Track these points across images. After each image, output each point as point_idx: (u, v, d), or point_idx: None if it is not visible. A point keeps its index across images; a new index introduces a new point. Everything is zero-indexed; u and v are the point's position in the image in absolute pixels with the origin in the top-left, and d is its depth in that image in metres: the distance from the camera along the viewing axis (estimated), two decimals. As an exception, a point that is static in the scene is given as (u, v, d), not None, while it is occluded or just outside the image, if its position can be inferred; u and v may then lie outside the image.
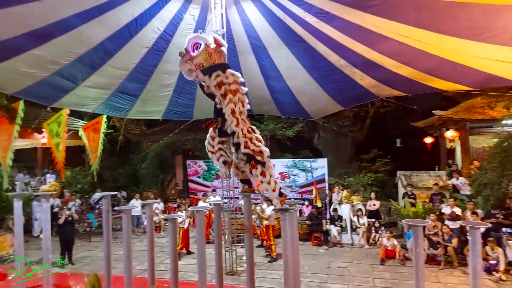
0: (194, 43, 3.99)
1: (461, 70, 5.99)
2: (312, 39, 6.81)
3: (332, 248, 9.70)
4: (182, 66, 4.07)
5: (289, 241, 3.81)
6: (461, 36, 5.08)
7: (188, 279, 7.34)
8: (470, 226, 3.56)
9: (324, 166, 12.30)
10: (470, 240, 3.55)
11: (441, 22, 4.97)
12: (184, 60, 4.03)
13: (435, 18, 4.87)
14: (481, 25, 4.79)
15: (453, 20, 4.88)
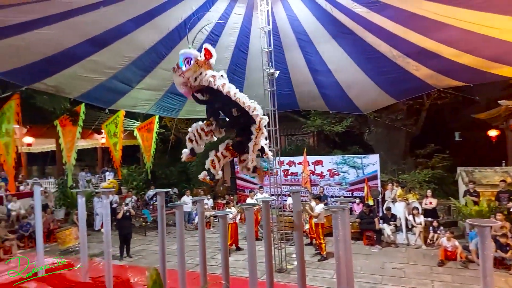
0: (185, 58, 4.20)
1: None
2: (362, 30, 6.55)
3: (385, 248, 9.27)
4: (176, 79, 4.28)
5: (341, 240, 3.69)
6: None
7: (238, 275, 7.44)
8: None
9: (376, 162, 11.79)
10: None
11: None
12: (177, 74, 4.24)
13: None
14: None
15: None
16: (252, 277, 4.56)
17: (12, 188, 12.19)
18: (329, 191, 12.42)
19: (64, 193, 13.51)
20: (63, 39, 5.73)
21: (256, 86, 8.34)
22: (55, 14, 5.02)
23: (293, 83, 9.02)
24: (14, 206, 11.84)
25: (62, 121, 11.91)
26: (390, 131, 15.04)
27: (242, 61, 8.09)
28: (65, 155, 12.01)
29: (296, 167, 13.08)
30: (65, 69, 6.54)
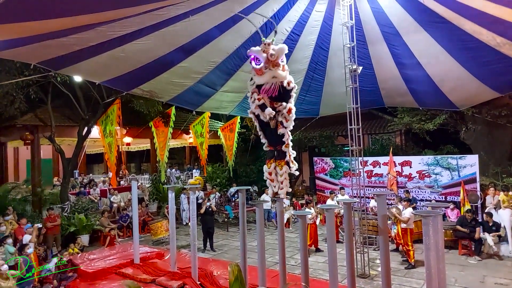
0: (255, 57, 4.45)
1: None
2: (457, 17, 5.90)
3: (486, 260, 8.21)
4: None
5: (433, 248, 3.38)
6: None
7: (318, 276, 7.33)
8: None
9: (475, 163, 10.51)
10: None
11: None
12: None
13: None
14: None
15: None
16: (332, 280, 4.45)
17: (114, 183, 13.91)
18: (419, 194, 11.47)
19: (157, 188, 14.90)
20: (156, 48, 6.32)
21: (337, 84, 8.12)
22: (150, 25, 5.55)
23: (378, 79, 8.55)
24: (115, 199, 13.46)
25: (156, 123, 13.18)
26: (492, 129, 13.26)
27: (322, 59, 7.95)
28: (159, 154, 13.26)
29: (381, 168, 12.38)
30: (158, 76, 7.20)
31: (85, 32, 5.06)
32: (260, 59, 4.67)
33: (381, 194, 4.38)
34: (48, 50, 5.43)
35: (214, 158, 18.61)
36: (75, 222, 10.95)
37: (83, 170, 19.41)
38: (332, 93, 8.83)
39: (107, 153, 12.27)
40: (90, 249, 9.95)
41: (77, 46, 5.50)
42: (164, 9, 5.09)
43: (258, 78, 4.80)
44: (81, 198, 12.85)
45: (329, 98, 9.25)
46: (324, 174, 14.04)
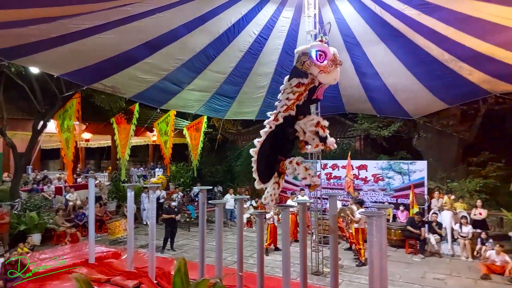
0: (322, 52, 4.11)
1: None
2: (412, 32, 6.36)
3: (429, 257, 8.90)
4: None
5: (376, 246, 3.66)
6: None
7: (275, 274, 7.55)
8: None
9: (424, 169, 11.29)
10: None
11: None
12: None
13: None
14: None
15: None
16: (285, 277, 4.64)
17: (70, 180, 13.35)
18: (373, 196, 12.10)
19: (116, 186, 14.49)
20: (121, 43, 6.21)
21: (301, 89, 8.42)
22: (115, 20, 5.47)
23: (340, 86, 8.93)
24: (71, 197, 12.93)
25: (118, 119, 12.85)
26: (441, 137, 14.29)
27: (288, 64, 8.17)
28: (120, 151, 12.92)
29: (339, 171, 12.91)
30: (122, 71, 7.07)
31: (46, 24, 4.91)
32: (328, 55, 4.19)
33: (332, 195, 4.64)
34: (1, 39, 5.18)
35: (178, 157, 18.41)
36: (26, 221, 10.41)
37: (37, 166, 18.39)
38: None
39: (63, 149, 11.79)
40: (42, 248, 9.51)
41: (35, 37, 5.30)
42: (130, 5, 5.05)
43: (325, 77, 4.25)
44: (33, 195, 12.22)
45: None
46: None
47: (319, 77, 4.17)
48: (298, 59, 4.39)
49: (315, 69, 4.08)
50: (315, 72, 4.12)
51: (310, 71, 4.08)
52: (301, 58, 4.35)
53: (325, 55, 4.05)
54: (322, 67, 4.13)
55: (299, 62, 4.35)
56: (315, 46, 4.20)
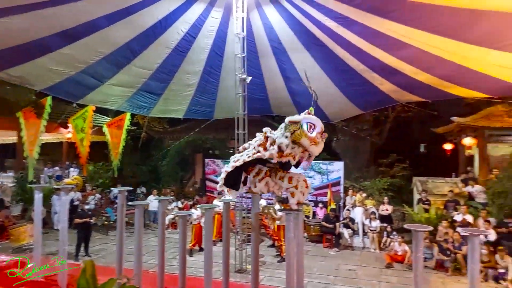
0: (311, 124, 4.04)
1: (480, 77, 5.94)
2: (332, 43, 6.87)
3: (343, 250, 9.70)
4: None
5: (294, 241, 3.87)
6: (481, 44, 5.05)
7: (198, 275, 7.51)
8: (470, 233, 3.55)
9: (340, 169, 12.25)
10: (469, 248, 3.55)
11: (460, 30, 4.96)
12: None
13: (454, 25, 4.85)
14: (500, 33, 4.76)
15: (473, 28, 4.85)
16: (207, 276, 4.65)
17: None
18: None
19: (23, 188, 12.95)
20: (31, 30, 5.62)
21: (231, 89, 8.49)
22: (25, 4, 4.93)
23: (268, 89, 9.26)
24: (-33, 199, 11.24)
25: (26, 113, 11.44)
26: (356, 141, 15.66)
27: (217, 64, 8.22)
28: (27, 149, 11.54)
29: (265, 171, 13.29)
30: (32, 60, 6.40)
31: None
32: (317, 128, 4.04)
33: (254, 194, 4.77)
34: None
35: (97, 156, 17.11)
36: None
37: None
38: (226, 97, 9.17)
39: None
40: None
41: None
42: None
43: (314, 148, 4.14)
44: None
45: (223, 102, 9.57)
46: (215, 175, 14.36)
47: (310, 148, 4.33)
48: (286, 128, 4.35)
49: (306, 141, 4.16)
50: (306, 143, 4.27)
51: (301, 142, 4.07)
52: (291, 127, 4.30)
53: (314, 127, 4.12)
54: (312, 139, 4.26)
55: (288, 130, 4.32)
56: (307, 118, 4.23)
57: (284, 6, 6.37)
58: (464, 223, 8.70)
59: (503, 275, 7.28)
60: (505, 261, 7.42)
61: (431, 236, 8.59)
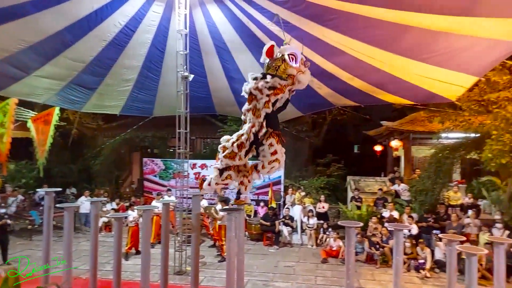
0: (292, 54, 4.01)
1: (405, 85, 6.52)
2: (274, 46, 7.02)
3: (282, 248, 10.01)
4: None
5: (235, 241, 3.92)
6: (406, 56, 5.56)
7: (134, 279, 7.21)
8: (395, 228, 3.92)
9: (281, 168, 12.59)
10: (394, 241, 3.91)
11: (389, 42, 5.41)
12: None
13: (384, 37, 5.28)
14: (421, 46, 5.30)
15: (400, 40, 5.33)
16: (144, 280, 4.51)
17: None
18: (237, 194, 12.82)
19: None
20: None
21: (172, 86, 8.26)
22: None
23: (211, 88, 9.16)
24: None
25: None
26: (296, 141, 16.25)
27: (158, 59, 7.95)
28: None
29: (208, 170, 13.18)
30: None
31: None
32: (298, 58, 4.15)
33: (195, 194, 4.75)
34: None
35: (20, 154, 15.53)
36: None
37: None
38: (167, 94, 8.89)
39: None
40: None
41: None
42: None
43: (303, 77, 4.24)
44: None
45: (164, 99, 9.28)
46: (154, 175, 13.86)
47: (298, 77, 4.21)
48: (269, 66, 4.30)
49: (293, 70, 4.11)
50: (294, 72, 4.14)
51: (288, 73, 4.07)
52: (274, 63, 4.20)
53: (295, 58, 4.15)
54: (298, 69, 4.19)
55: (272, 68, 4.21)
56: (286, 49, 4.22)
57: (228, 7, 6.37)
58: (391, 219, 9.48)
59: (423, 265, 8.08)
60: (424, 252, 8.24)
61: (362, 232, 9.23)
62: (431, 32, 4.83)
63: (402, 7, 4.61)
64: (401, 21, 4.89)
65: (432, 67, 5.57)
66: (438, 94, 6.57)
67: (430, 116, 11.20)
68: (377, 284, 7.45)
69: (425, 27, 4.78)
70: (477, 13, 4.34)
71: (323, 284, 7.39)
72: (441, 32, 4.80)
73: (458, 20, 4.53)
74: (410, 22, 4.86)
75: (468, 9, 4.35)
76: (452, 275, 4.28)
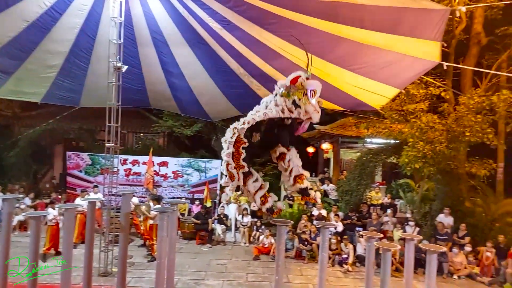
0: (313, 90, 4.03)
1: (337, 92, 6.92)
2: (215, 44, 6.97)
3: (215, 246, 10.01)
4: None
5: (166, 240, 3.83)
6: (339, 65, 5.92)
7: (53, 281, 6.65)
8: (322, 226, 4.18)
9: (218, 167, 12.57)
10: (320, 238, 4.16)
11: (324, 50, 5.70)
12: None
13: (320, 45, 5.55)
14: (351, 57, 5.70)
15: (334, 50, 5.66)
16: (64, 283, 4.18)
17: None
18: (172, 192, 12.51)
19: None
20: None
21: (103, 76, 7.75)
22: None
23: (146, 81, 8.78)
24: None
25: None
26: (236, 139, 16.30)
27: (88, 47, 7.39)
28: None
29: (140, 167, 12.63)
30: None
31: None
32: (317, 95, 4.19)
33: (126, 192, 4.53)
34: None
35: None
36: None
37: None
38: (97, 84, 8.30)
39: None
40: None
41: None
42: None
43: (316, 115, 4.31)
44: None
45: (93, 89, 8.67)
46: (79, 170, 12.89)
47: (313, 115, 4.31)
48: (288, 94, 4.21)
49: (311, 108, 4.16)
50: (311, 110, 4.21)
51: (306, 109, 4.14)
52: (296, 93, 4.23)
53: (315, 93, 4.09)
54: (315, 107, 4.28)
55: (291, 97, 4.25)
56: (311, 84, 4.10)
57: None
58: (320, 217, 10.03)
59: (346, 260, 8.68)
60: (347, 248, 8.85)
61: (293, 229, 9.61)
62: (362, 45, 5.22)
63: (337, 20, 4.93)
64: (336, 32, 5.19)
65: (361, 77, 6.00)
66: (365, 102, 7.11)
67: (357, 122, 12.08)
68: (304, 279, 7.82)
69: (357, 40, 5.14)
70: (400, 32, 4.81)
71: (254, 281, 7.55)
72: (370, 46, 5.21)
73: (385, 36, 4.97)
74: (343, 34, 5.19)
75: (392, 29, 4.80)
76: (370, 268, 4.70)
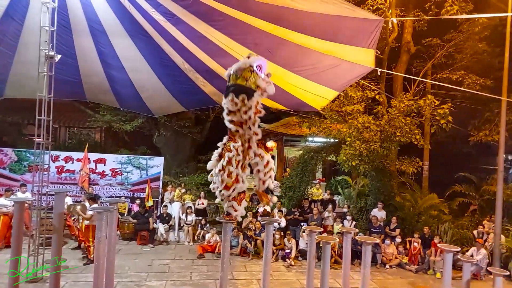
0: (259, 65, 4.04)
1: (282, 93, 7.10)
2: (158, 36, 6.73)
3: (157, 246, 9.71)
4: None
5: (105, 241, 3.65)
6: (283, 66, 6.09)
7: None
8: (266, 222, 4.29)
9: (161, 164, 12.19)
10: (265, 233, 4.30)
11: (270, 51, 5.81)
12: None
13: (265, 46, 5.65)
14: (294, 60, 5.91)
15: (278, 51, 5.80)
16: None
17: None
18: (110, 191, 11.87)
19: None
20: None
21: (32, 65, 7.10)
22: None
23: (81, 72, 8.19)
24: None
25: None
26: (178, 136, 15.96)
27: (14, 32, 6.70)
28: None
29: (74, 164, 11.77)
30: None
31: None
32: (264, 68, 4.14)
33: (59, 191, 4.21)
34: None
35: None
36: None
37: None
38: (25, 74, 7.59)
39: None
40: None
41: None
42: None
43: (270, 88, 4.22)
44: None
45: (20, 79, 7.91)
46: (2, 168, 11.65)
47: (267, 88, 4.27)
48: (237, 76, 4.17)
49: (262, 82, 4.15)
50: (263, 85, 4.18)
51: (258, 84, 4.11)
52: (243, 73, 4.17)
53: (261, 67, 3.99)
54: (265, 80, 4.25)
55: (241, 78, 4.17)
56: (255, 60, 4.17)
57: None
58: (265, 213, 10.23)
59: (289, 255, 8.98)
60: (290, 243, 9.16)
61: (238, 226, 9.67)
62: (304, 49, 5.43)
63: (280, 23, 5.07)
64: (279, 35, 5.33)
65: (303, 79, 6.24)
66: (307, 103, 7.40)
67: (300, 122, 12.56)
68: (249, 275, 7.93)
69: (299, 43, 5.33)
70: (339, 40, 5.13)
71: (198, 279, 7.48)
72: (311, 50, 5.45)
73: (326, 43, 5.23)
74: (286, 37, 5.35)
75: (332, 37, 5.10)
76: (312, 261, 4.93)
